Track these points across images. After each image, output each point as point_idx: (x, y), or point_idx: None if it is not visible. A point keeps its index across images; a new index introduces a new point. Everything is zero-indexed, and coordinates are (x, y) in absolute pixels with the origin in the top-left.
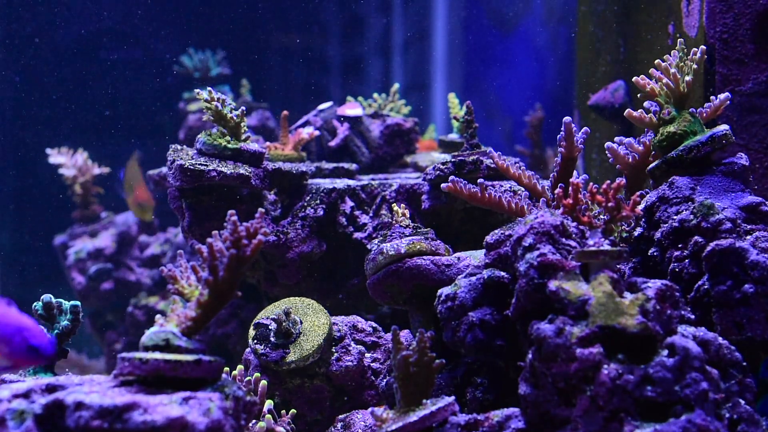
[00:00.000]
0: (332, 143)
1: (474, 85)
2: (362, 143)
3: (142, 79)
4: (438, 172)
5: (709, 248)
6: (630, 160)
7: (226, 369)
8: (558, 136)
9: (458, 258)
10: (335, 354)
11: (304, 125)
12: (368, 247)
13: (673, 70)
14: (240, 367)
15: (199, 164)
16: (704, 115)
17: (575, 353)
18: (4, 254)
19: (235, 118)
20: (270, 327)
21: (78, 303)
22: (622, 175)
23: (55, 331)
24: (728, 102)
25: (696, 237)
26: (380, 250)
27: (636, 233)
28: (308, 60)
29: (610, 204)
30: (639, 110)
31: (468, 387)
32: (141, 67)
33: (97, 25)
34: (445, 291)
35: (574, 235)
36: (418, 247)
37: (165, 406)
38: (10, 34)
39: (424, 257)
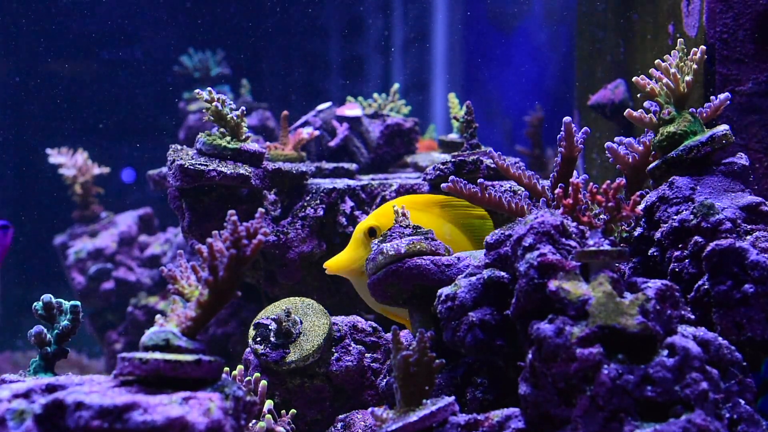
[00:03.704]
0: (332, 143)
1: (474, 85)
2: (361, 144)
3: (142, 79)
4: (438, 172)
5: (709, 248)
6: (630, 160)
7: (226, 369)
8: (558, 136)
9: (458, 258)
10: (335, 354)
11: (303, 125)
12: None
13: (673, 70)
14: (240, 367)
15: (199, 164)
16: (704, 115)
17: (575, 353)
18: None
19: (235, 118)
20: (270, 327)
21: (78, 303)
22: (622, 175)
23: (55, 331)
24: (728, 102)
25: (696, 237)
26: (380, 250)
27: (636, 233)
28: (308, 60)
29: (610, 204)
30: (639, 110)
31: (468, 387)
32: (141, 67)
33: (97, 25)
34: (445, 291)
35: (574, 235)
36: (418, 247)
37: (165, 406)
38: (10, 34)
39: (424, 257)
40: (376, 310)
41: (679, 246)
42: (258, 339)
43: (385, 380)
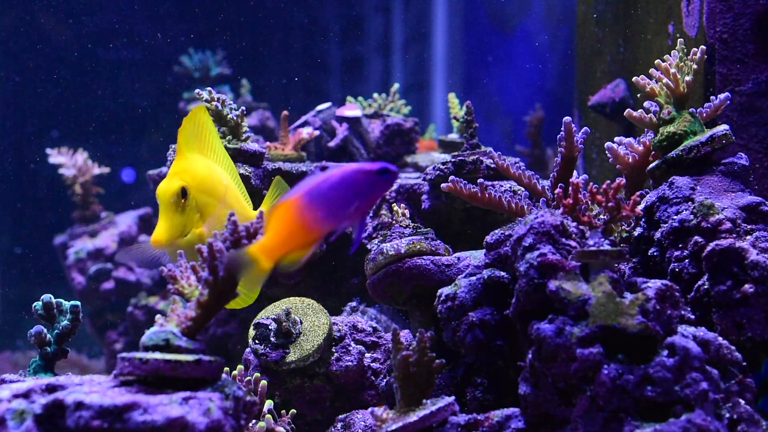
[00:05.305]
0: (331, 144)
1: (474, 85)
2: (361, 144)
3: (142, 79)
4: (438, 172)
5: (709, 248)
6: (630, 160)
7: (226, 369)
8: (558, 136)
9: (458, 258)
10: (335, 354)
11: (303, 125)
12: (368, 247)
13: (673, 70)
14: (240, 367)
15: None
16: (704, 115)
17: (575, 353)
18: (4, 254)
19: (235, 118)
20: (270, 327)
21: (78, 303)
22: (622, 175)
23: (55, 331)
24: (728, 102)
25: (696, 237)
26: (380, 250)
27: (636, 233)
28: (308, 60)
29: (610, 204)
30: (639, 110)
31: (468, 387)
32: (141, 67)
33: (97, 25)
34: (445, 291)
35: (574, 235)
36: (418, 247)
37: (165, 406)
38: (11, 34)
39: (424, 257)
40: None
41: (679, 246)
42: (258, 339)
43: (385, 380)
